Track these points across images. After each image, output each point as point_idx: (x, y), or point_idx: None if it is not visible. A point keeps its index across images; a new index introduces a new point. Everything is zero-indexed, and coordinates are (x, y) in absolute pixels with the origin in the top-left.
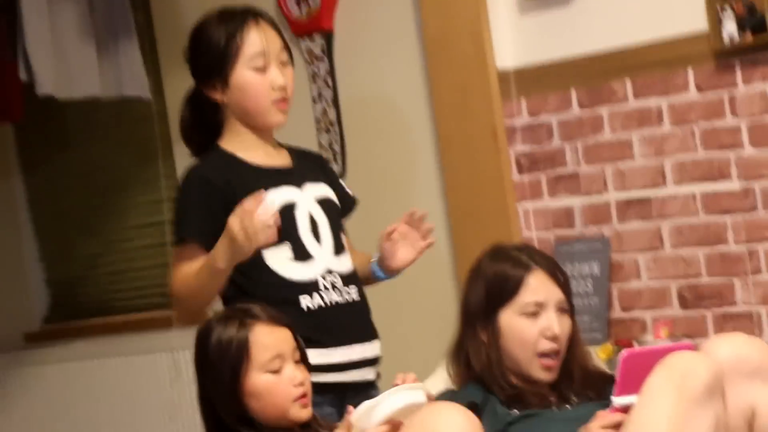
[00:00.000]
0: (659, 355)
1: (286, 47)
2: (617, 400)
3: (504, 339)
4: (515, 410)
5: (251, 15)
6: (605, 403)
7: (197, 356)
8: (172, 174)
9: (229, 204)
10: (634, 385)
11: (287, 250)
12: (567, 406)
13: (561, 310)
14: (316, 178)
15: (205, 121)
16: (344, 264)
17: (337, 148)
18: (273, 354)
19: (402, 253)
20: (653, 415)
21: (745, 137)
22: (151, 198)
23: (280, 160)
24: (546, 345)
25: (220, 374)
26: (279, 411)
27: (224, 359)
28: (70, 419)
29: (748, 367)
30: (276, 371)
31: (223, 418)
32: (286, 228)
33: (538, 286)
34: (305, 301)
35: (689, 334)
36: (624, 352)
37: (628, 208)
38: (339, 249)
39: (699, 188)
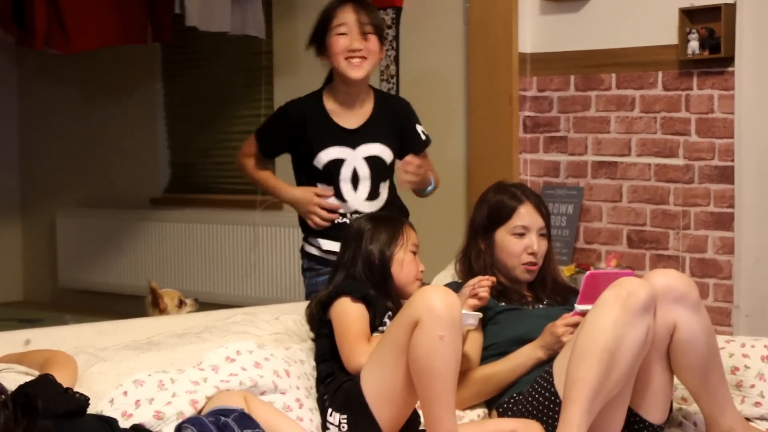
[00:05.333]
0: (613, 278)
1: (371, 23)
2: (578, 307)
3: (497, 250)
4: (502, 303)
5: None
6: (568, 308)
7: (367, 229)
8: (270, 96)
9: (297, 131)
10: (592, 297)
11: (330, 191)
12: (539, 305)
13: (541, 234)
14: (374, 139)
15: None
16: (373, 207)
17: (393, 93)
18: (415, 242)
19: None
20: (603, 320)
21: (693, 127)
22: (252, 112)
23: (355, 121)
24: (526, 258)
25: (388, 238)
26: (405, 281)
27: (393, 231)
28: (176, 263)
29: (674, 294)
30: (414, 253)
31: (368, 269)
32: (333, 175)
33: (525, 215)
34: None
35: (631, 267)
36: (588, 272)
37: (600, 168)
38: (373, 196)
39: (654, 161)
